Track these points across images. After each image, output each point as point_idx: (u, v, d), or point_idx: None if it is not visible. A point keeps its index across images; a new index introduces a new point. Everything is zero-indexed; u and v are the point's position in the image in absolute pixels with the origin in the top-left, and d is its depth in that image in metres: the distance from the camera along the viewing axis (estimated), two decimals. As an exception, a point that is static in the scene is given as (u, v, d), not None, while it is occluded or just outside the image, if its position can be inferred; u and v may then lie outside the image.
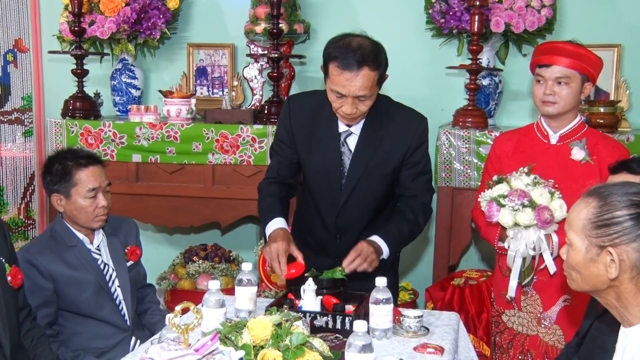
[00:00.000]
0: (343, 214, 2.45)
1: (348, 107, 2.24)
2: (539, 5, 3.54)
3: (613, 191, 1.50)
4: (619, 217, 1.46)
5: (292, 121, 2.46)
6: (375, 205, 2.47)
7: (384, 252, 2.35)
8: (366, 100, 2.25)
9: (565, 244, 1.58)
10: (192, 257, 3.91)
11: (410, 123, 2.42)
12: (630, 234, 1.45)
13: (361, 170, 2.39)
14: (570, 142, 2.47)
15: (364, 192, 2.42)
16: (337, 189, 2.43)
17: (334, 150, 2.41)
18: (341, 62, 2.18)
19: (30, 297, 2.37)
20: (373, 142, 2.39)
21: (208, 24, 4.15)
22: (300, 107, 2.49)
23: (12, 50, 4.29)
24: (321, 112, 2.41)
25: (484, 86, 3.67)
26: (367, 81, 2.19)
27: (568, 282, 1.61)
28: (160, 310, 2.75)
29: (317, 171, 2.45)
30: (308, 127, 2.44)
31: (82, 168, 2.49)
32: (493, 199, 2.35)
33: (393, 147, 2.39)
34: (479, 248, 3.95)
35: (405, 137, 2.39)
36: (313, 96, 2.53)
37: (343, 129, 2.41)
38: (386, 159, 2.40)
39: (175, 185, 3.73)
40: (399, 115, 2.43)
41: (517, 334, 2.56)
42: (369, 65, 2.18)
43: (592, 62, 2.42)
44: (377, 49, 2.26)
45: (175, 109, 3.70)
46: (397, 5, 3.89)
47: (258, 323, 1.76)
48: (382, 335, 2.09)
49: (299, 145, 2.46)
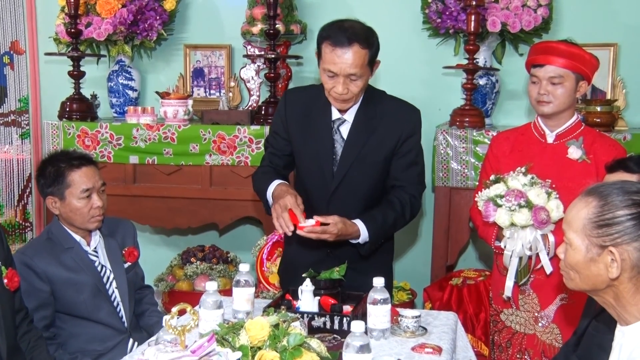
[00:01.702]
0: (334, 201, 2.44)
1: (339, 86, 2.28)
2: (535, 5, 3.55)
3: (613, 190, 1.49)
4: (620, 216, 1.46)
5: (287, 111, 2.49)
6: (367, 194, 2.45)
7: (362, 236, 2.33)
8: (357, 80, 2.29)
9: (563, 243, 1.58)
10: (190, 258, 3.91)
11: (404, 113, 2.45)
12: (632, 233, 1.45)
13: (353, 157, 2.40)
14: (566, 141, 2.48)
15: (355, 180, 2.42)
16: (329, 175, 2.43)
17: (327, 138, 2.43)
18: (333, 39, 2.25)
19: (27, 300, 2.36)
20: (366, 129, 2.40)
21: (205, 25, 4.15)
22: (296, 98, 2.53)
23: (9, 52, 4.29)
24: (317, 103, 2.45)
25: (480, 86, 3.67)
26: (357, 59, 2.24)
27: (565, 282, 1.60)
28: (158, 312, 2.74)
29: (310, 159, 2.47)
30: (303, 117, 2.47)
31: (74, 169, 2.49)
32: (490, 198, 2.35)
33: (385, 136, 2.41)
34: (476, 248, 3.95)
35: (398, 126, 2.41)
36: (309, 89, 2.59)
37: (336, 117, 2.43)
38: (378, 147, 2.41)
39: (173, 187, 3.72)
40: (393, 105, 2.46)
41: (515, 333, 2.56)
42: (360, 42, 2.24)
43: (586, 61, 2.43)
44: (369, 31, 2.33)
45: (172, 110, 3.70)
46: (393, 5, 3.89)
47: (255, 324, 1.76)
48: (380, 335, 2.09)
49: (293, 134, 2.48)
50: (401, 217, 2.43)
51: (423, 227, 3.86)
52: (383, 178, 2.46)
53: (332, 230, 2.24)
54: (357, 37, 2.25)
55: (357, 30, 2.27)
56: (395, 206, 2.40)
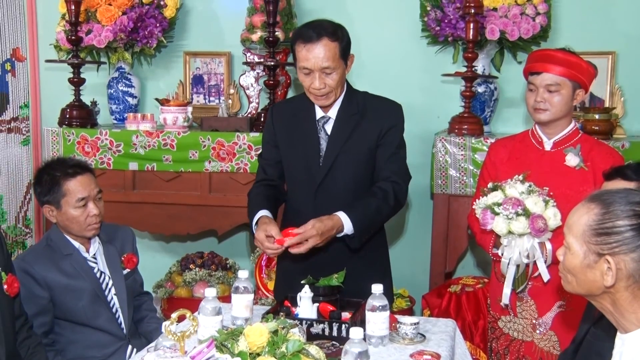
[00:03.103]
0: (321, 195, 2.46)
1: (316, 81, 2.36)
2: (533, 13, 3.56)
3: (616, 199, 1.49)
4: (620, 226, 1.45)
5: (275, 123, 2.57)
6: (352, 187, 2.47)
7: (346, 227, 2.33)
8: (332, 73, 2.37)
9: (563, 245, 1.58)
10: (189, 265, 3.91)
11: (385, 107, 2.52)
12: (630, 244, 1.44)
13: (337, 151, 2.45)
14: (564, 148, 2.49)
15: (340, 172, 2.45)
16: (316, 169, 2.47)
17: (313, 135, 2.49)
18: (303, 37, 2.37)
19: (26, 306, 2.36)
20: (349, 124, 2.46)
21: (204, 32, 4.16)
22: (282, 109, 2.63)
23: (10, 60, 4.30)
24: (301, 107, 2.54)
25: (479, 93, 3.68)
26: (328, 51, 2.34)
27: (563, 284, 1.61)
28: (157, 318, 2.74)
29: (297, 157, 2.52)
30: (289, 123, 2.54)
31: (70, 178, 2.49)
32: (487, 206, 2.36)
33: (367, 129, 2.46)
34: (475, 255, 3.95)
35: (380, 119, 2.47)
36: (294, 99, 2.73)
37: (320, 115, 2.50)
38: (361, 140, 2.46)
39: (172, 193, 3.73)
40: (374, 101, 2.54)
41: (513, 340, 2.56)
42: (328, 36, 2.35)
43: (583, 69, 2.44)
44: (337, 26, 2.43)
45: (171, 116, 3.71)
46: (392, 13, 3.90)
47: (254, 330, 1.76)
48: (379, 342, 2.10)
49: (281, 139, 2.55)
50: (384, 204, 2.41)
51: (422, 234, 3.86)
52: (368, 171, 2.49)
53: (311, 233, 2.26)
54: (326, 31, 2.36)
55: (324, 26, 2.39)
56: (376, 194, 2.41)
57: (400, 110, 2.53)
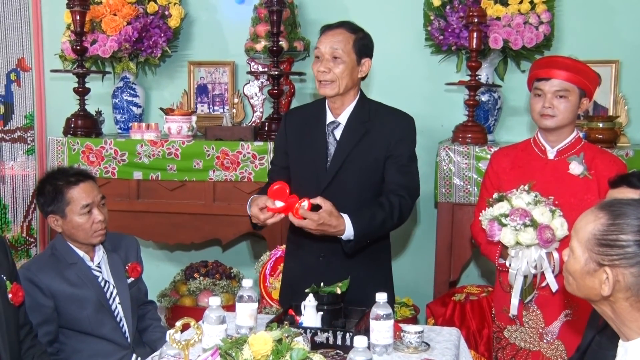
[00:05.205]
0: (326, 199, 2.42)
1: (322, 64, 2.41)
2: (536, 22, 3.57)
3: (626, 212, 1.47)
4: (624, 240, 1.45)
5: (287, 129, 2.58)
6: (358, 195, 2.45)
7: (347, 232, 2.30)
8: (340, 64, 2.40)
9: (569, 247, 1.57)
10: (193, 274, 3.91)
11: (396, 118, 2.52)
12: (631, 259, 1.44)
13: (344, 157, 2.45)
14: (567, 156, 2.48)
15: (346, 179, 2.45)
16: (322, 174, 2.47)
17: (321, 140, 2.49)
18: (326, 27, 2.48)
19: (31, 315, 2.37)
20: (358, 131, 2.46)
21: (209, 42, 4.18)
22: (295, 115, 2.65)
23: (15, 70, 4.33)
24: (314, 112, 2.56)
25: (483, 102, 3.69)
26: (343, 39, 2.41)
27: (564, 285, 1.61)
28: (161, 327, 2.74)
29: (304, 161, 2.52)
30: (301, 128, 2.55)
31: (72, 186, 2.50)
32: (494, 218, 2.34)
33: (376, 138, 2.46)
34: (479, 263, 3.95)
35: (389, 130, 2.46)
36: (308, 105, 2.74)
37: (330, 120, 2.50)
38: (369, 148, 2.45)
39: (176, 202, 3.74)
40: (385, 111, 2.54)
41: (519, 350, 2.55)
42: (347, 27, 2.45)
43: (590, 77, 2.44)
44: (360, 27, 2.49)
45: (176, 126, 3.72)
46: (396, 22, 3.92)
47: (259, 339, 1.76)
48: (383, 351, 2.09)
49: (291, 143, 2.55)
50: (389, 218, 2.39)
51: (426, 242, 3.86)
52: (373, 180, 2.47)
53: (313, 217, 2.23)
54: (347, 24, 2.46)
55: (348, 21, 2.49)
56: (384, 206, 2.39)
57: (411, 123, 2.51)
